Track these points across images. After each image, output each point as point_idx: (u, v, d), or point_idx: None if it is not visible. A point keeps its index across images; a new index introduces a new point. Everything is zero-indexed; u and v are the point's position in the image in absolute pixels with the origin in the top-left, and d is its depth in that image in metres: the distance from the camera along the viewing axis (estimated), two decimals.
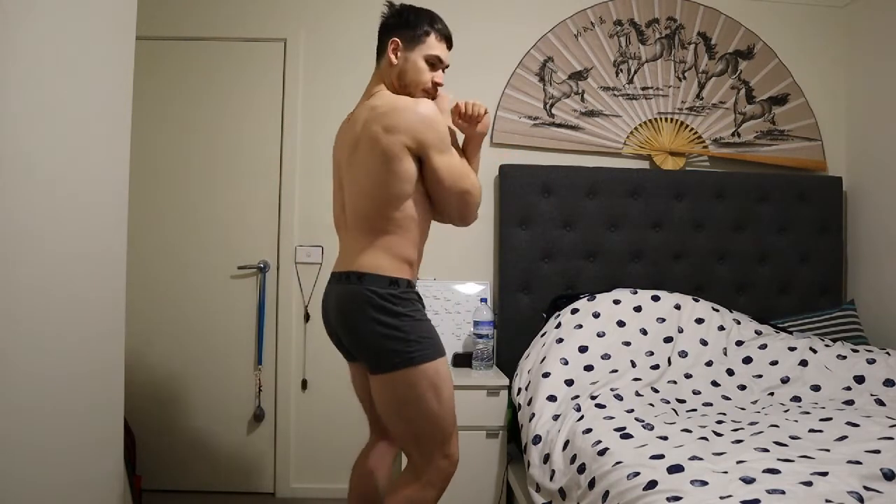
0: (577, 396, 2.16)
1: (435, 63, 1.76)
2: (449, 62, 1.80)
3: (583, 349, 2.40)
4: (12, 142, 1.27)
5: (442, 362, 1.68)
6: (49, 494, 1.42)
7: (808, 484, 1.36)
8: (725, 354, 2.44)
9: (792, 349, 2.41)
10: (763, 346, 2.45)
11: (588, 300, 2.60)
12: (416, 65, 1.74)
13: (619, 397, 2.12)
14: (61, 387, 1.46)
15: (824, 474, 1.41)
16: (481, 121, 1.77)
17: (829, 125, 3.10)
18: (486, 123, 1.78)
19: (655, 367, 2.38)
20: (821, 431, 1.78)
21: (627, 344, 2.44)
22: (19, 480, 1.30)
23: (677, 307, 2.57)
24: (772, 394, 2.28)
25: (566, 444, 1.94)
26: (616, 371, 2.33)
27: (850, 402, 2.15)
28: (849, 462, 1.50)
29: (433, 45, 1.74)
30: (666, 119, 3.02)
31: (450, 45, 1.79)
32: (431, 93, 1.76)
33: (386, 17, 1.78)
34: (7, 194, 1.26)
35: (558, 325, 2.52)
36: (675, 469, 1.49)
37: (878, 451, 1.58)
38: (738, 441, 1.71)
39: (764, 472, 1.44)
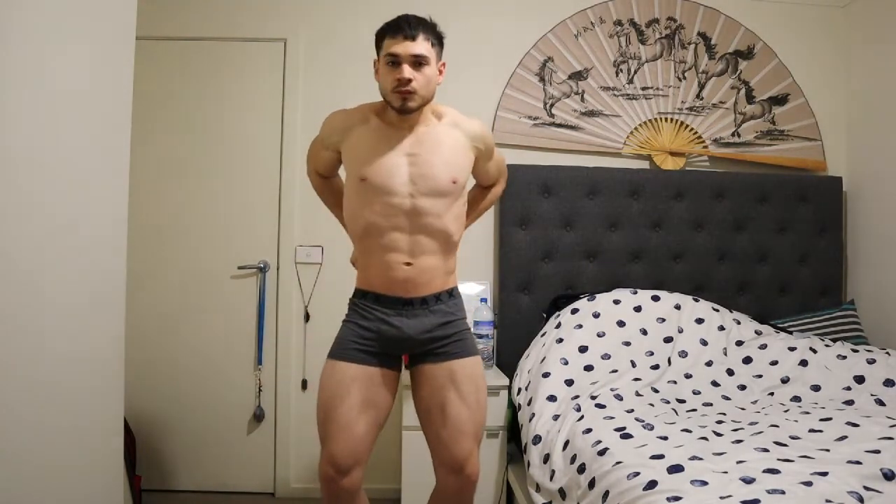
0: (577, 396, 2.16)
1: (394, 62, 1.64)
2: (413, 51, 1.63)
3: (583, 349, 2.40)
4: (12, 141, 1.27)
5: (329, 364, 1.73)
6: (49, 495, 1.42)
7: (808, 484, 1.36)
8: (725, 354, 2.44)
9: (792, 349, 2.41)
10: (763, 346, 2.45)
11: (588, 300, 2.60)
12: (381, 73, 1.70)
13: (619, 397, 2.12)
14: (60, 387, 1.46)
15: (824, 474, 1.41)
16: None
17: (829, 125, 3.09)
18: None
19: (655, 367, 2.38)
20: (821, 431, 1.78)
21: (627, 344, 2.44)
22: (19, 481, 1.30)
23: (677, 307, 2.57)
24: (772, 394, 2.28)
25: (566, 444, 1.94)
26: (616, 371, 2.33)
27: (850, 402, 2.15)
28: (849, 462, 1.50)
29: (388, 46, 1.65)
30: (666, 119, 3.01)
31: (410, 36, 1.63)
32: (401, 92, 1.64)
33: None
34: (5, 193, 1.26)
35: (558, 325, 2.52)
36: (675, 469, 1.49)
37: (878, 451, 1.58)
38: (738, 441, 1.71)
39: (764, 472, 1.44)
